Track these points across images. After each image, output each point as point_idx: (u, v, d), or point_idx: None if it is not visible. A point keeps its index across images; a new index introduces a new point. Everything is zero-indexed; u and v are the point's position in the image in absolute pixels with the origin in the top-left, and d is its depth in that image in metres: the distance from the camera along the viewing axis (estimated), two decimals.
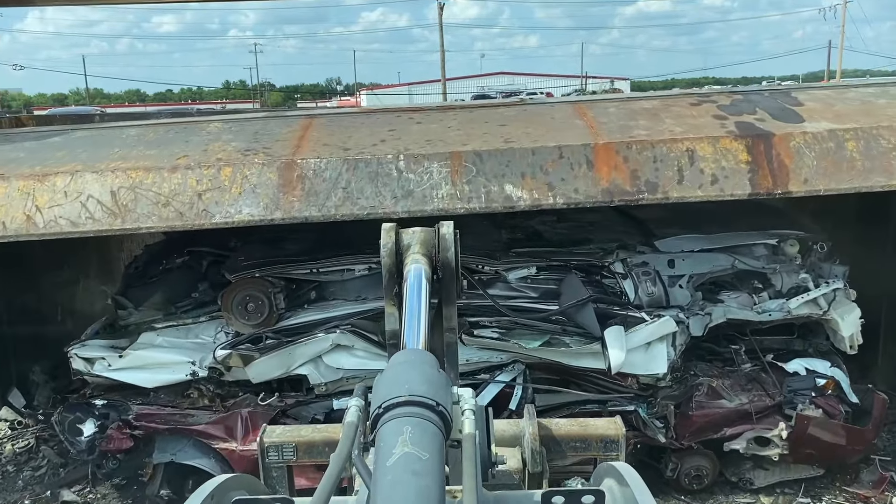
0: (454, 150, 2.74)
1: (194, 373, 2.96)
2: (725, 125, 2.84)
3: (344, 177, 2.70)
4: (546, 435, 2.29)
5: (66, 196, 2.67)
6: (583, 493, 1.13)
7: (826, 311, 3.10)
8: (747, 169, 2.68)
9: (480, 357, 2.95)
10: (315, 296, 3.18)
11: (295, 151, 2.80)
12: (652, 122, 2.93)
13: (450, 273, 1.81)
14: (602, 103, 3.32)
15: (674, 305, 3.01)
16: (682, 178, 2.69)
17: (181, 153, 2.85)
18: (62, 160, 2.85)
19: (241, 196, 2.67)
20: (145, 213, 2.67)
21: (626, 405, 2.91)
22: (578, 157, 2.71)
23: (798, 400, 2.88)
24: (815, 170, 2.70)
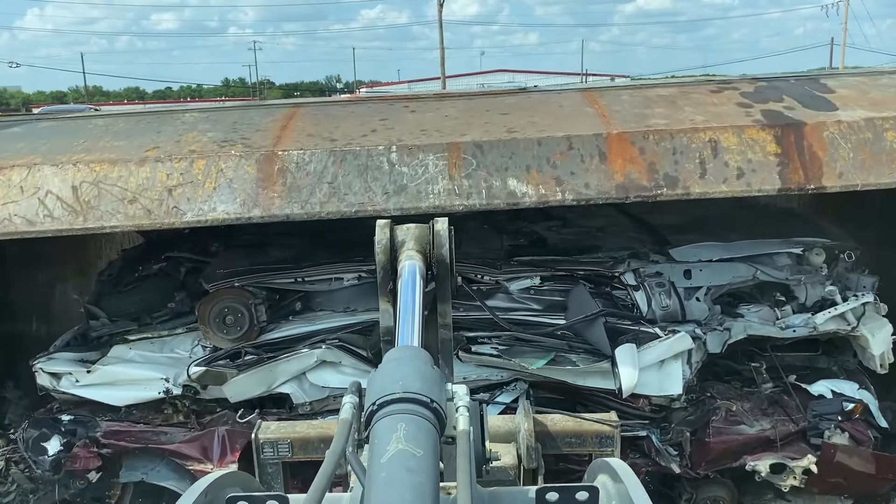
0: (452, 140, 2.75)
1: (168, 390, 3.07)
2: (751, 113, 2.85)
3: (330, 170, 2.70)
4: (541, 431, 2.42)
5: (23, 192, 2.69)
6: (577, 489, 1.25)
7: (855, 327, 3.22)
8: (776, 162, 2.69)
9: (479, 374, 3.05)
10: (300, 307, 3.30)
11: (276, 143, 2.81)
12: (670, 110, 2.95)
13: (444, 269, 1.96)
14: (614, 91, 3.33)
15: (690, 320, 3.12)
16: (704, 172, 2.69)
17: (151, 144, 2.87)
18: (20, 152, 2.87)
19: (216, 191, 2.67)
20: (109, 211, 2.67)
21: (637, 430, 3.01)
22: (590, 148, 2.71)
23: (823, 426, 2.98)
24: (852, 163, 2.70)
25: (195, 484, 1.36)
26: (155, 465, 3.11)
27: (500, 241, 3.53)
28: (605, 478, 1.43)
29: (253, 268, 3.25)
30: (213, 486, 1.34)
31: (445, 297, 1.90)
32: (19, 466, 3.04)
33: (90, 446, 3.05)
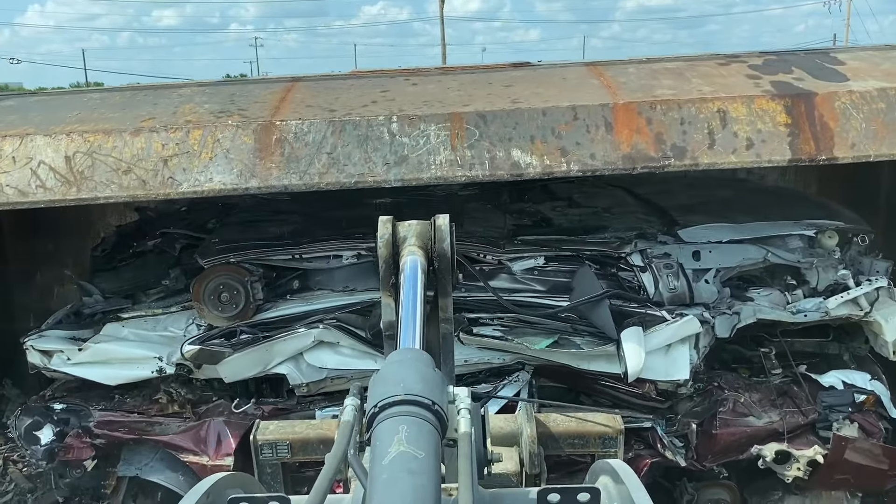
0: (454, 111, 2.80)
1: (161, 369, 3.11)
2: (760, 84, 2.91)
3: (329, 140, 2.75)
4: (543, 432, 2.49)
5: (15, 162, 2.74)
6: (578, 490, 1.30)
7: (868, 313, 3.25)
8: (787, 132, 2.74)
9: (480, 357, 3.10)
10: (298, 285, 3.34)
11: (274, 113, 2.86)
12: (677, 81, 3.01)
13: (445, 264, 2.03)
14: (620, 64, 3.41)
15: (698, 303, 3.14)
16: (713, 143, 2.74)
17: (147, 115, 2.92)
18: (12, 124, 2.92)
19: (212, 162, 2.72)
20: (104, 182, 2.72)
21: (641, 421, 3.07)
22: (595, 118, 2.76)
23: (833, 417, 3.03)
24: (865, 133, 2.76)
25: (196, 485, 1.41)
26: (150, 459, 3.16)
27: (504, 221, 3.55)
28: (607, 479, 1.48)
29: (249, 243, 3.29)
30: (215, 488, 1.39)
31: (446, 291, 1.95)
32: (17, 465, 3.13)
33: (83, 436, 3.11)
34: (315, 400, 3.26)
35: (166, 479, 3.20)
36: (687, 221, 3.41)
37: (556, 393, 3.33)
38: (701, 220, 3.43)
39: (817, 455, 3.05)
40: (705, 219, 3.43)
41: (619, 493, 1.42)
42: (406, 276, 1.91)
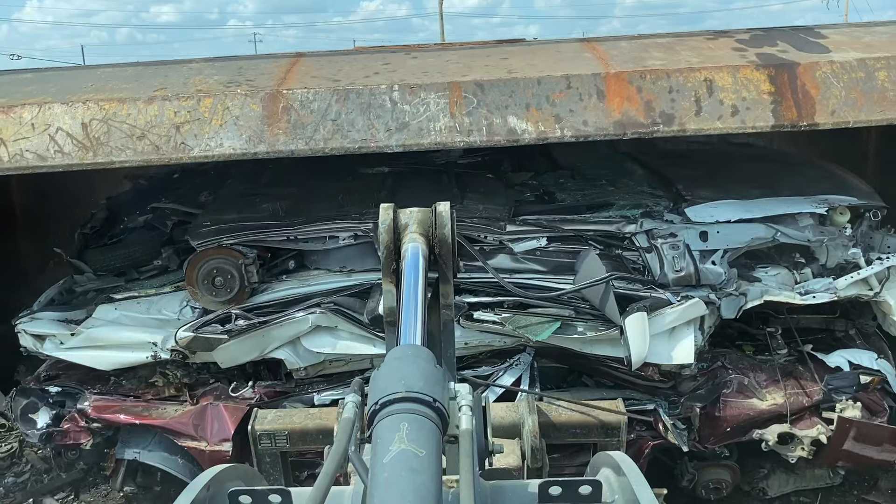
0: (453, 80, 3.00)
1: (155, 354, 3.17)
2: (746, 56, 3.14)
3: (333, 108, 2.94)
4: (545, 422, 2.57)
5: (34, 129, 2.94)
6: (580, 483, 1.36)
7: (878, 292, 3.30)
8: (770, 100, 2.97)
9: (481, 340, 3.15)
10: (294, 265, 3.38)
11: (281, 83, 3.07)
12: (667, 53, 3.23)
13: (447, 250, 2.08)
14: (612, 40, 3.61)
15: (704, 284, 3.18)
16: (699, 110, 2.96)
17: (159, 86, 3.12)
18: (30, 94, 3.11)
19: (223, 128, 2.92)
20: (119, 147, 2.93)
21: (644, 403, 3.14)
22: (588, 87, 2.97)
23: (837, 398, 3.10)
24: (844, 101, 2.98)
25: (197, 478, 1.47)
26: (148, 443, 3.24)
27: (505, 196, 3.57)
28: (608, 471, 1.54)
29: (243, 223, 3.32)
30: (215, 480, 1.44)
31: (447, 278, 2.00)
32: (33, 448, 3.22)
33: (79, 420, 3.19)
34: (313, 382, 3.33)
35: (165, 463, 3.29)
36: (695, 196, 3.44)
37: (558, 374, 3.40)
38: (709, 193, 3.46)
39: (821, 435, 3.13)
40: (713, 192, 3.46)
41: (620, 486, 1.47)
42: (407, 262, 1.96)
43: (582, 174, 3.90)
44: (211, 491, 1.45)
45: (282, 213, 3.39)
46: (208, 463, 3.15)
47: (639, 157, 4.12)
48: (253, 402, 3.21)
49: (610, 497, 1.45)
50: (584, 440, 2.91)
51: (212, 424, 3.17)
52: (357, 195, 3.56)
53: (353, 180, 3.84)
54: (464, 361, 3.21)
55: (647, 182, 3.73)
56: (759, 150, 4.31)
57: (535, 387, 3.15)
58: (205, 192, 3.81)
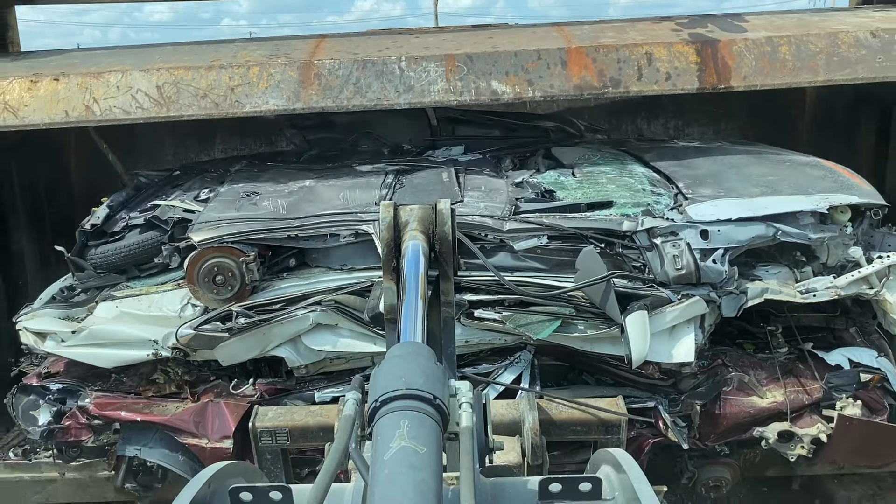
0: (448, 52, 3.84)
1: (156, 352, 3.19)
2: (680, 35, 3.99)
3: (354, 74, 3.78)
4: (546, 419, 2.59)
5: (119, 90, 3.73)
6: (580, 480, 1.38)
7: (878, 291, 3.31)
8: (696, 68, 3.81)
9: (482, 338, 3.17)
10: (295, 263, 3.40)
11: (312, 55, 3.92)
12: (618, 33, 4.09)
13: (447, 248, 2.11)
14: (576, 25, 4.52)
15: (704, 282, 3.19)
16: (641, 76, 3.80)
17: (214, 58, 3.93)
18: (111, 64, 3.91)
19: (268, 90, 3.74)
20: (186, 104, 3.73)
21: (644, 401, 3.16)
22: (554, 58, 3.81)
23: (837, 396, 3.13)
24: (754, 69, 3.82)
25: (198, 475, 1.49)
26: (149, 440, 3.26)
27: (506, 194, 3.58)
28: (608, 468, 1.55)
29: (243, 220, 3.34)
30: (216, 478, 1.46)
31: (448, 275, 2.02)
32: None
33: (80, 417, 3.21)
34: (314, 380, 3.35)
35: (166, 460, 3.30)
36: (696, 195, 3.46)
37: (559, 371, 3.42)
38: (710, 191, 3.49)
39: (821, 434, 3.15)
40: (714, 191, 3.49)
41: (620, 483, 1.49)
42: (408, 260, 1.99)
43: (583, 172, 3.91)
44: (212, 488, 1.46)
45: (282, 211, 3.41)
46: (209, 460, 3.17)
47: (640, 156, 4.14)
48: (254, 399, 3.24)
49: (610, 494, 1.47)
50: (585, 438, 2.94)
51: (213, 421, 3.20)
52: (358, 193, 3.58)
53: (354, 178, 3.86)
54: (464, 359, 3.23)
55: (647, 180, 3.74)
56: (760, 148, 4.33)
57: (535, 384, 3.17)
58: (205, 189, 3.83)
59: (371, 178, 3.83)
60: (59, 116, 3.71)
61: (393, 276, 2.07)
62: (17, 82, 3.79)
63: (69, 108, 3.71)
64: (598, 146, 4.40)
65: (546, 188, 3.69)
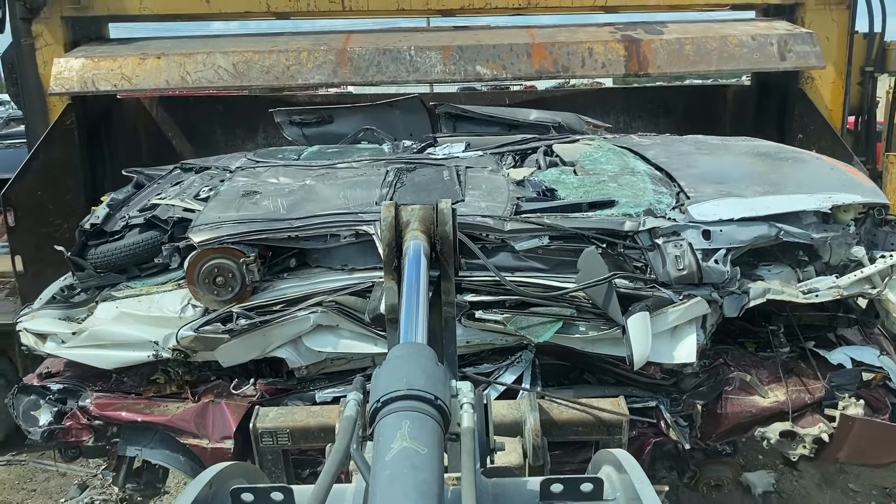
0: (446, 45, 5.15)
1: (157, 353, 3.19)
2: (615, 36, 5.31)
3: (377, 58, 5.08)
4: (547, 420, 2.60)
5: (205, 66, 5.06)
6: (581, 480, 1.39)
7: (881, 291, 3.32)
8: (624, 60, 5.15)
9: (483, 339, 3.17)
10: (295, 263, 3.40)
11: (345, 44, 5.21)
12: (570, 34, 5.40)
13: (448, 248, 2.11)
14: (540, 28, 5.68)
15: (706, 283, 3.19)
16: (584, 64, 5.16)
17: (272, 45, 5.24)
18: (197, 47, 5.26)
19: (314, 69, 5.06)
20: (255, 77, 5.05)
21: (646, 400, 3.17)
22: (522, 50, 5.16)
23: (839, 395, 3.13)
24: (665, 61, 5.17)
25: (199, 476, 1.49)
26: (150, 440, 3.27)
27: (507, 193, 3.58)
28: (610, 469, 1.56)
29: (243, 221, 3.35)
30: (217, 478, 1.47)
31: (449, 275, 2.02)
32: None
33: (80, 418, 3.22)
34: (315, 380, 3.35)
35: (167, 461, 3.32)
36: (698, 194, 3.46)
37: (560, 371, 3.42)
38: (712, 190, 3.49)
39: (823, 433, 3.16)
40: (717, 190, 3.49)
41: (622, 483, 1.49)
42: (409, 259, 1.99)
43: (584, 170, 3.91)
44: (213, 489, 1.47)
45: (283, 211, 3.41)
46: (210, 460, 3.18)
47: (642, 153, 4.13)
48: (255, 399, 3.24)
49: (612, 494, 1.48)
50: (586, 438, 2.94)
51: (214, 422, 3.21)
52: (358, 191, 3.58)
53: (355, 177, 3.87)
54: (465, 359, 3.23)
55: (650, 179, 3.73)
56: (763, 144, 4.34)
57: (536, 384, 3.17)
58: (205, 188, 3.83)
59: (372, 176, 3.83)
60: (162, 84, 5.08)
61: (394, 276, 2.08)
62: (130, 59, 5.12)
63: (169, 77, 5.04)
64: (599, 143, 4.41)
65: (547, 187, 3.69)
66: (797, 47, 5.22)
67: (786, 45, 5.24)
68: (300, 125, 5.19)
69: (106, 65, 5.12)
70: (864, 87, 5.65)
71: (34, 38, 5.34)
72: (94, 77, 5.09)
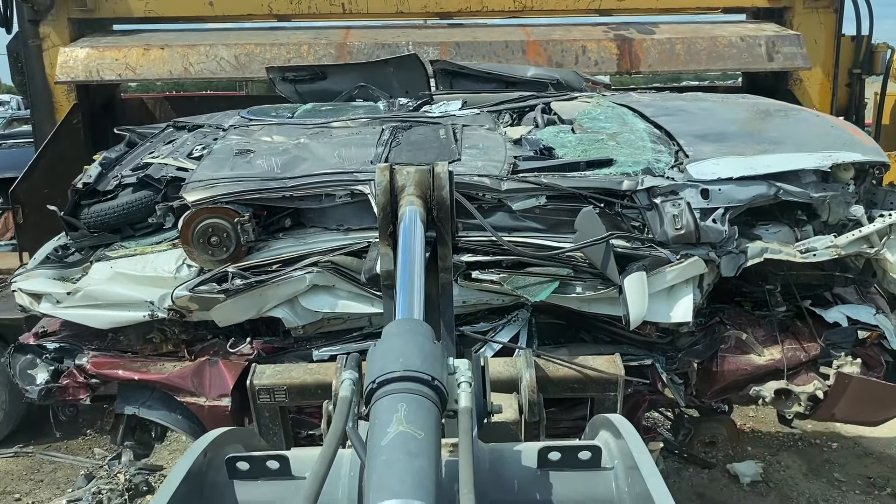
0: (443, 41, 5.36)
1: (152, 313, 3.15)
2: (608, 35, 5.47)
3: (376, 52, 5.13)
4: (543, 377, 2.57)
5: (208, 57, 5.15)
6: (579, 448, 1.35)
7: (879, 250, 3.26)
8: (616, 58, 5.30)
9: (479, 299, 3.13)
10: (290, 223, 3.33)
11: (344, 39, 5.34)
12: (564, 33, 5.57)
13: (445, 213, 2.03)
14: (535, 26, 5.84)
15: (704, 242, 3.13)
16: (577, 62, 5.24)
17: (274, 38, 5.35)
18: (200, 39, 5.37)
19: (314, 62, 5.03)
20: (256, 70, 5.11)
21: (641, 359, 3.14)
22: (517, 47, 5.32)
23: (835, 353, 3.11)
24: (657, 59, 5.30)
25: (194, 444, 1.45)
26: (147, 398, 3.25)
27: (504, 152, 3.50)
28: (607, 434, 1.53)
29: (237, 180, 3.26)
30: (213, 446, 1.43)
31: (446, 241, 1.96)
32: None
33: (77, 376, 3.18)
34: (312, 339, 3.31)
35: (164, 419, 3.30)
36: (697, 153, 3.37)
37: (556, 329, 3.38)
38: (711, 149, 3.40)
39: (817, 391, 3.14)
40: (717, 148, 3.40)
41: (619, 449, 1.46)
42: (404, 227, 1.92)
43: (583, 128, 3.81)
44: (209, 457, 1.43)
45: (277, 170, 3.33)
46: (207, 418, 3.16)
47: (641, 111, 4.03)
48: (251, 358, 3.21)
49: (610, 463, 1.45)
50: (582, 395, 2.92)
51: (211, 380, 3.17)
52: (353, 150, 3.49)
53: (349, 135, 3.77)
54: (462, 318, 3.19)
55: (648, 137, 3.64)
56: (763, 102, 4.23)
57: (532, 343, 3.14)
58: (198, 146, 3.73)
59: (367, 135, 3.73)
60: (165, 74, 5.20)
61: (389, 241, 2.01)
62: (134, 49, 5.18)
63: (172, 68, 5.14)
64: (598, 100, 4.30)
65: (545, 145, 3.59)
66: (784, 48, 5.34)
67: (773, 46, 5.34)
68: (293, 82, 4.97)
69: (111, 54, 5.21)
70: (852, 88, 5.74)
71: (41, 39, 5.42)
72: (99, 66, 5.17)
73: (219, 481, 1.40)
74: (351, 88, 4.82)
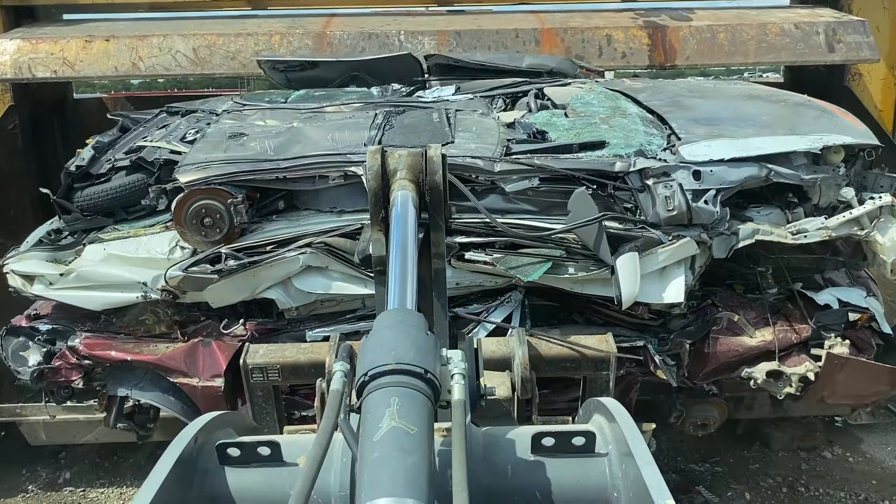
0: (440, 29, 4.47)
1: (145, 294, 3.08)
2: (636, 22, 4.63)
3: (361, 44, 4.37)
4: (535, 355, 2.52)
5: (161, 51, 4.32)
6: (573, 434, 1.29)
7: (869, 232, 3.21)
8: (648, 49, 4.45)
9: (472, 280, 3.07)
10: (283, 205, 3.26)
11: (325, 27, 4.52)
12: (584, 19, 4.72)
13: (438, 197, 1.96)
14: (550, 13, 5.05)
15: (696, 223, 3.08)
16: (601, 54, 4.41)
17: (242, 28, 4.57)
18: (153, 29, 4.56)
19: (287, 55, 4.26)
20: (218, 64, 4.33)
21: (634, 340, 3.09)
22: (529, 37, 4.47)
23: (826, 335, 3.08)
24: (696, 51, 4.46)
25: (184, 430, 1.39)
26: (140, 379, 3.19)
27: (497, 135, 3.42)
28: (601, 418, 1.48)
29: (230, 161, 3.18)
30: (204, 431, 1.37)
31: (439, 226, 1.88)
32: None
33: (69, 357, 3.11)
34: (305, 320, 3.25)
35: (157, 400, 3.25)
36: (689, 136, 3.31)
37: (548, 311, 3.33)
38: (703, 131, 3.33)
39: (809, 372, 3.11)
40: (709, 131, 3.34)
41: (612, 433, 1.42)
42: (396, 213, 1.85)
43: (575, 112, 3.73)
44: (199, 442, 1.38)
45: (270, 153, 3.25)
46: (200, 398, 3.11)
47: (633, 96, 3.95)
48: (244, 338, 3.15)
49: (604, 448, 1.40)
50: (574, 374, 2.86)
51: (203, 361, 3.12)
52: (346, 133, 3.40)
53: (343, 118, 3.68)
54: (454, 300, 3.13)
55: (641, 120, 3.57)
56: (755, 87, 4.16)
57: (525, 324, 3.09)
58: (192, 130, 3.64)
59: (360, 118, 3.64)
60: (110, 71, 4.35)
61: (381, 226, 1.94)
62: (74, 42, 4.35)
63: (118, 64, 4.35)
64: (591, 86, 4.21)
65: (538, 129, 3.51)
66: (847, 37, 4.42)
67: (834, 34, 4.41)
68: (285, 71, 4.74)
69: (45, 48, 4.36)
70: None
71: None
72: (31, 62, 4.32)
73: (210, 467, 1.36)
74: (344, 76, 4.63)
